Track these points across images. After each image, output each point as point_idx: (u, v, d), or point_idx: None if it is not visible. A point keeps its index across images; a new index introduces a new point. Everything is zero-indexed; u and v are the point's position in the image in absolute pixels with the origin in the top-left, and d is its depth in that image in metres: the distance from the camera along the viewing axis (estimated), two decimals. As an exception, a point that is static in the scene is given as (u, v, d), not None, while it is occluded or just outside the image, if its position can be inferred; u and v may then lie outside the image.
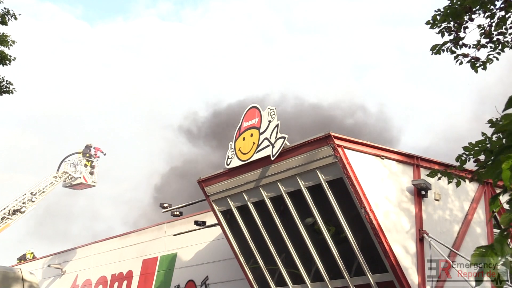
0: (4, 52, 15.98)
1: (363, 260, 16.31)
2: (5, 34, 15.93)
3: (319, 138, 16.30)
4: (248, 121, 18.40)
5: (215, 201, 19.81)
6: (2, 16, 15.73)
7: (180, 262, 25.46)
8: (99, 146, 36.91)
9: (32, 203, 33.29)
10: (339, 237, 16.58)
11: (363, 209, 15.75)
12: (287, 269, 18.35)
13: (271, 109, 17.80)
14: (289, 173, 17.21)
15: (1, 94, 16.42)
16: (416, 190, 16.81)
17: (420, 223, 16.67)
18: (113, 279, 29.25)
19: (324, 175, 16.43)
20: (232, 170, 18.77)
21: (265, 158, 17.57)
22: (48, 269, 33.91)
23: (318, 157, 16.37)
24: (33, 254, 40.54)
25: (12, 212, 32.81)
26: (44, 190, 33.96)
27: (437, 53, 10.90)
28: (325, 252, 17.08)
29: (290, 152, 17.08)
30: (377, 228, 15.66)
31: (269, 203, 18.07)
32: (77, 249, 33.00)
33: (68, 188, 36.09)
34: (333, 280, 17.18)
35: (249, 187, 18.43)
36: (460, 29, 10.68)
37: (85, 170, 35.55)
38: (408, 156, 17.27)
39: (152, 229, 28.00)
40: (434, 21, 10.67)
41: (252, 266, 19.47)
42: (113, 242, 30.24)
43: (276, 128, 17.36)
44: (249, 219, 18.90)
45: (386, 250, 15.67)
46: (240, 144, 18.46)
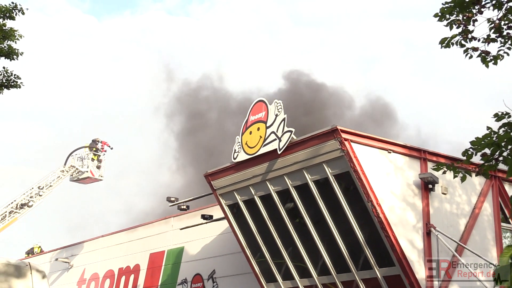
0: (12, 46, 16.00)
1: (370, 253, 16.31)
2: (12, 28, 15.95)
3: (325, 132, 16.29)
4: (255, 115, 18.40)
5: (222, 195, 19.83)
6: (10, 10, 15.75)
7: (187, 256, 25.52)
8: (106, 140, 36.96)
9: (40, 197, 33.36)
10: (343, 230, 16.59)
11: (370, 202, 15.75)
12: (294, 262, 18.37)
13: (278, 102, 17.79)
14: (296, 167, 17.22)
15: (9, 89, 16.46)
16: (423, 183, 16.80)
17: (427, 217, 16.66)
18: (120, 273, 29.35)
19: (331, 168, 16.43)
20: (239, 164, 18.79)
21: (272, 152, 17.57)
22: (56, 263, 34.03)
23: (325, 150, 16.37)
24: (40, 248, 40.68)
25: (20, 206, 32.91)
26: (51, 184, 34.02)
27: (446, 46, 10.78)
28: (332, 245, 17.09)
29: (296, 146, 17.08)
30: (384, 221, 15.66)
31: (276, 196, 18.09)
32: (84, 243, 33.10)
33: (75, 182, 36.12)
34: (340, 274, 17.19)
35: (256, 181, 18.45)
36: (469, 22, 10.58)
37: (92, 164, 35.61)
38: (415, 149, 17.25)
39: (159, 223, 28.06)
40: (442, 14, 10.57)
41: (259, 259, 19.49)
42: (120, 236, 30.32)
43: (283, 122, 17.35)
44: (256, 213, 18.93)
45: (393, 244, 15.67)
46: (247, 138, 18.47)
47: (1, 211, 32.52)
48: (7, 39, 16.01)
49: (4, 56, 16.05)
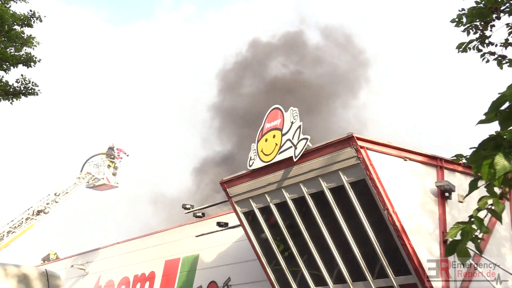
0: (30, 53, 16.14)
1: (386, 262, 16.23)
2: (31, 36, 16.09)
3: (341, 140, 16.26)
4: (270, 122, 18.41)
5: (238, 202, 19.84)
6: (28, 18, 15.89)
7: (202, 263, 25.53)
8: (122, 147, 37.12)
9: (56, 203, 33.55)
10: (359, 238, 16.51)
11: (386, 210, 15.68)
12: (310, 270, 18.32)
13: (293, 110, 17.79)
14: (312, 175, 17.19)
15: (27, 96, 16.59)
16: (439, 191, 16.70)
17: (443, 225, 16.55)
18: (135, 280, 29.41)
19: (347, 176, 16.39)
20: (254, 171, 18.79)
21: (287, 160, 17.56)
22: (71, 270, 34.17)
23: (341, 158, 16.33)
24: (56, 254, 40.88)
25: (36, 212, 33.11)
26: (67, 191, 34.21)
27: (463, 51, 10.82)
28: (348, 253, 17.02)
29: (312, 154, 17.06)
30: (400, 230, 15.58)
31: (291, 204, 18.06)
32: (100, 250, 33.22)
33: (91, 189, 36.29)
34: (355, 282, 17.12)
35: (272, 188, 18.44)
36: (486, 28, 10.57)
37: (108, 171, 35.76)
38: (431, 157, 17.16)
39: (174, 230, 28.10)
40: (459, 20, 10.57)
41: (274, 267, 19.46)
42: (135, 243, 30.40)
43: (298, 129, 17.35)
44: (272, 221, 18.90)
45: (410, 252, 15.58)
46: (262, 145, 18.47)
47: (18, 218, 32.75)
48: (25, 46, 16.17)
49: (22, 64, 16.20)
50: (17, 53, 16.06)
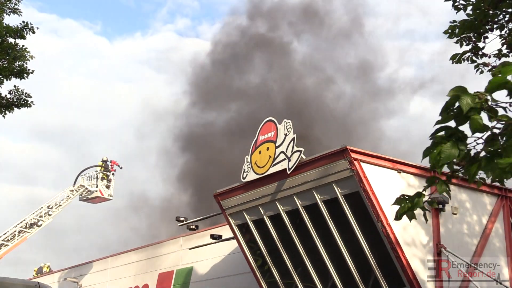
0: (23, 65, 16.10)
1: (380, 274, 16.18)
2: (23, 47, 16.07)
3: (335, 152, 16.25)
4: (264, 135, 18.40)
5: (231, 215, 19.78)
6: (20, 30, 15.87)
7: (196, 276, 25.41)
8: (115, 160, 37.05)
9: (49, 216, 33.40)
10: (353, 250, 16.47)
11: (380, 222, 15.64)
12: (304, 283, 18.24)
13: (287, 122, 17.79)
14: (305, 187, 17.16)
15: (20, 108, 16.54)
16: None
17: (437, 237, 16.53)
18: (129, 293, 29.24)
19: (341, 188, 16.36)
20: (248, 183, 18.75)
21: (281, 172, 17.53)
22: (65, 283, 33.98)
23: (335, 170, 16.31)
24: (49, 267, 40.67)
25: (29, 225, 32.94)
26: (60, 204, 34.09)
27: (457, 62, 10.86)
28: (342, 266, 16.97)
29: (306, 166, 17.04)
30: (394, 242, 15.55)
31: (285, 216, 18.02)
32: (93, 263, 33.05)
33: (85, 201, 36.20)
34: (349, 295, 17.05)
35: (265, 200, 18.40)
36: (479, 39, 10.61)
37: (101, 183, 35.67)
38: (425, 169, 17.15)
39: (168, 242, 28.00)
40: (452, 31, 10.61)
41: (268, 280, 19.37)
42: (129, 256, 30.26)
43: (292, 142, 17.33)
44: (265, 233, 18.85)
45: (404, 264, 15.54)
46: (256, 157, 18.45)
47: (11, 231, 32.56)
48: (18, 60, 16.13)
49: (15, 76, 16.16)
50: (10, 65, 16.02)
